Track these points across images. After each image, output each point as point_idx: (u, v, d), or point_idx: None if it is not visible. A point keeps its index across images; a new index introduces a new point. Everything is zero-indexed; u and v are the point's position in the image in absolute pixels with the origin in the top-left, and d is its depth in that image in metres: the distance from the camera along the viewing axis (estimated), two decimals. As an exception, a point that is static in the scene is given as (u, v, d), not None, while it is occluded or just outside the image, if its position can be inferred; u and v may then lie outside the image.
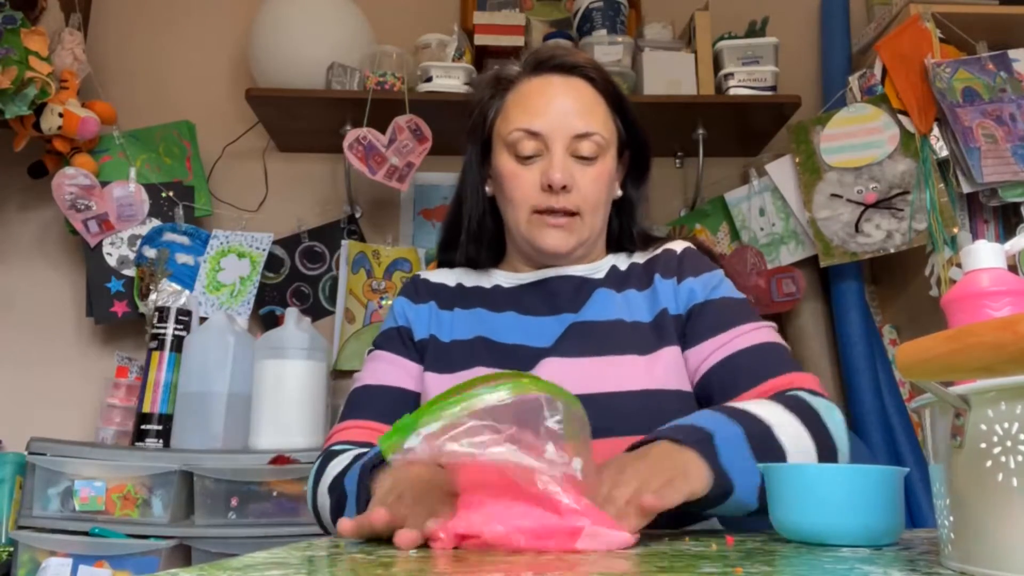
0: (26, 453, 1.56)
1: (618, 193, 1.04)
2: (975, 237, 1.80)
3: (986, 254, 0.61)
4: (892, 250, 1.83)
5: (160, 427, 1.76)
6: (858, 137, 1.89)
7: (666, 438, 0.70)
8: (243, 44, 2.15)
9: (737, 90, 2.00)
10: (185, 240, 2.02)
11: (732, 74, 2.01)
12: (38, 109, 1.88)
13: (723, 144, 2.16)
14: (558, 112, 0.95)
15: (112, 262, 1.98)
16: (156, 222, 2.02)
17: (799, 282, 1.95)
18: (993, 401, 0.44)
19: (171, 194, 2.04)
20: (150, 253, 1.98)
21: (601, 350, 0.91)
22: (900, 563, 0.51)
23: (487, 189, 1.04)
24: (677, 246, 1.02)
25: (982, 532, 0.44)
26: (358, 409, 0.96)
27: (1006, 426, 0.43)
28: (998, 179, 1.73)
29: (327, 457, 0.89)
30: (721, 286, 0.96)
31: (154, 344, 1.82)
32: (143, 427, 1.76)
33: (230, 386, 1.73)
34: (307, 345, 1.74)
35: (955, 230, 1.76)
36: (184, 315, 1.85)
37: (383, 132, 1.95)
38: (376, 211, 2.22)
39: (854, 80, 1.99)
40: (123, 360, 1.96)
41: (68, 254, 2.13)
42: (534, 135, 0.95)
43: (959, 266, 1.38)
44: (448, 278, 1.06)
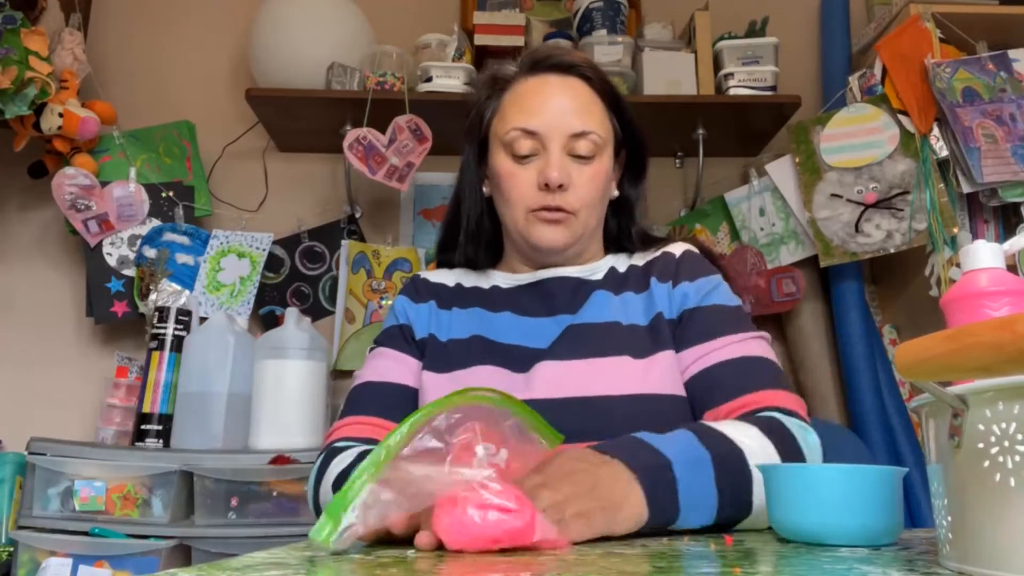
0: (26, 453, 1.56)
1: (615, 193, 1.04)
2: (975, 237, 1.80)
3: (985, 254, 0.61)
4: (892, 250, 1.83)
5: (160, 427, 1.76)
6: (858, 137, 1.89)
7: (622, 459, 0.68)
8: (243, 44, 2.15)
9: (737, 90, 2.00)
10: (185, 240, 2.02)
11: (732, 74, 2.00)
12: (38, 109, 1.88)
13: (723, 144, 2.16)
14: (555, 111, 0.95)
15: (112, 262, 1.98)
16: (156, 222, 2.02)
17: (799, 282, 1.95)
18: (991, 401, 0.44)
19: (171, 194, 2.04)
20: (150, 253, 1.98)
21: (596, 352, 0.91)
22: (899, 563, 0.51)
23: (484, 189, 1.04)
24: (676, 249, 1.01)
25: (980, 532, 0.44)
26: (360, 405, 0.96)
27: (1004, 426, 0.43)
28: (998, 179, 1.73)
29: (329, 454, 0.89)
30: (715, 292, 0.95)
31: (154, 344, 1.82)
32: (143, 427, 1.76)
33: (230, 386, 1.73)
34: (307, 345, 1.74)
35: (955, 230, 1.76)
36: (184, 315, 1.85)
37: (383, 132, 1.95)
38: (376, 211, 2.22)
39: (854, 80, 1.98)
40: (123, 360, 1.96)
41: (68, 254, 2.13)
42: (531, 134, 0.95)
43: (959, 266, 1.38)
44: (447, 278, 1.06)
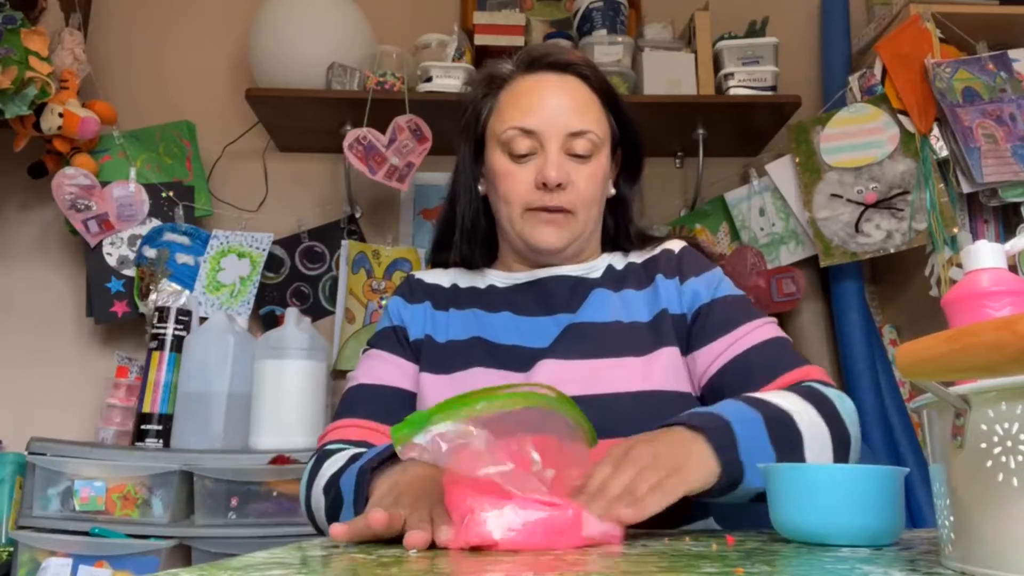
0: (26, 453, 1.56)
1: (612, 191, 1.04)
2: (975, 237, 1.80)
3: (986, 254, 0.61)
4: (892, 250, 1.83)
5: (160, 427, 1.76)
6: (858, 137, 1.89)
7: (683, 424, 0.71)
8: (243, 44, 2.15)
9: (737, 90, 2.00)
10: (185, 240, 2.02)
11: (732, 74, 2.00)
12: (38, 109, 1.88)
13: (723, 144, 2.16)
14: (553, 110, 0.94)
15: (112, 262, 1.98)
16: (156, 222, 2.02)
17: (799, 282, 1.95)
18: (993, 401, 0.44)
19: (171, 194, 2.04)
20: (150, 253, 1.98)
21: (598, 352, 0.91)
22: (900, 563, 0.51)
23: (480, 188, 1.03)
24: (675, 245, 1.01)
25: (982, 532, 0.44)
26: (353, 408, 0.96)
27: (1006, 426, 0.43)
28: (998, 179, 1.73)
29: (322, 456, 0.89)
30: (722, 285, 0.97)
31: (154, 344, 1.82)
32: (143, 427, 1.76)
33: (230, 386, 1.73)
34: (307, 345, 1.74)
35: (955, 230, 1.76)
36: (184, 315, 1.85)
37: (383, 132, 1.95)
38: (376, 211, 2.22)
39: (854, 80, 1.98)
40: (123, 360, 1.96)
41: (68, 254, 2.13)
42: (528, 133, 0.94)
43: (959, 266, 1.38)
44: (442, 278, 1.06)
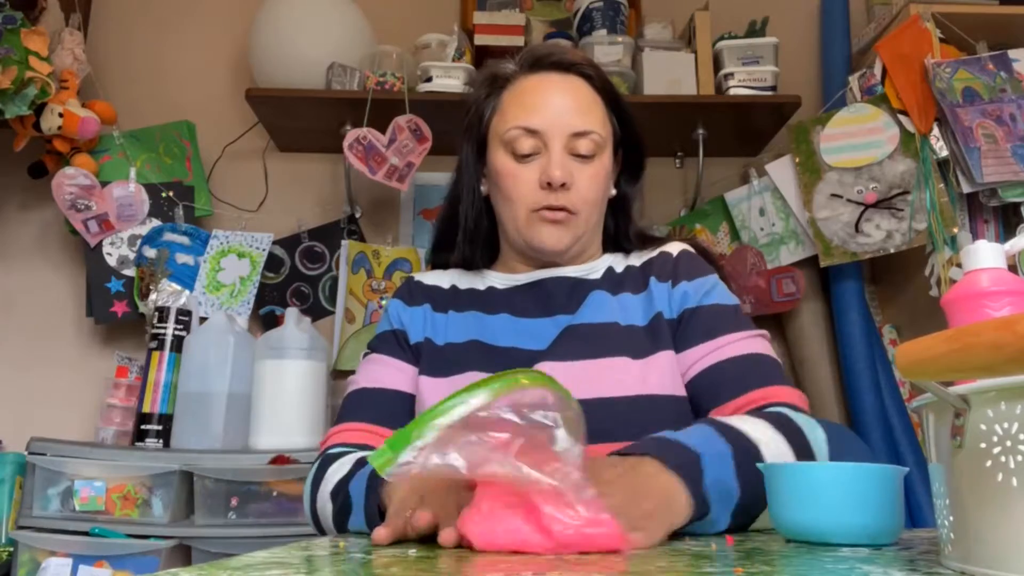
0: (26, 453, 1.56)
1: (612, 191, 1.04)
2: (975, 237, 1.80)
3: (986, 254, 0.61)
4: (892, 250, 1.83)
5: (160, 427, 1.76)
6: (858, 137, 1.89)
7: (654, 455, 0.67)
8: (243, 44, 2.15)
9: (737, 90, 2.00)
10: (185, 240, 2.02)
11: (732, 74, 2.00)
12: (38, 109, 1.88)
13: (723, 144, 2.16)
14: (556, 110, 0.94)
15: (112, 262, 1.98)
16: (156, 222, 2.02)
17: (799, 282, 1.95)
18: (993, 401, 0.44)
19: (171, 194, 2.04)
20: (150, 253, 1.98)
21: (595, 353, 0.90)
22: (900, 563, 0.51)
23: (482, 188, 1.03)
24: (674, 248, 1.00)
25: (982, 532, 0.44)
26: (355, 411, 0.95)
27: (1006, 426, 0.43)
28: (998, 179, 1.73)
29: (325, 461, 0.88)
30: (714, 292, 0.95)
31: (154, 344, 1.82)
32: (143, 427, 1.76)
33: (230, 386, 1.73)
34: (307, 345, 1.74)
35: (955, 230, 1.76)
36: (184, 315, 1.85)
37: (383, 132, 1.95)
38: (376, 211, 2.22)
39: (854, 80, 1.98)
40: (123, 360, 1.96)
41: (68, 254, 2.13)
42: (532, 133, 0.94)
43: (959, 266, 1.38)
44: (442, 280, 1.05)
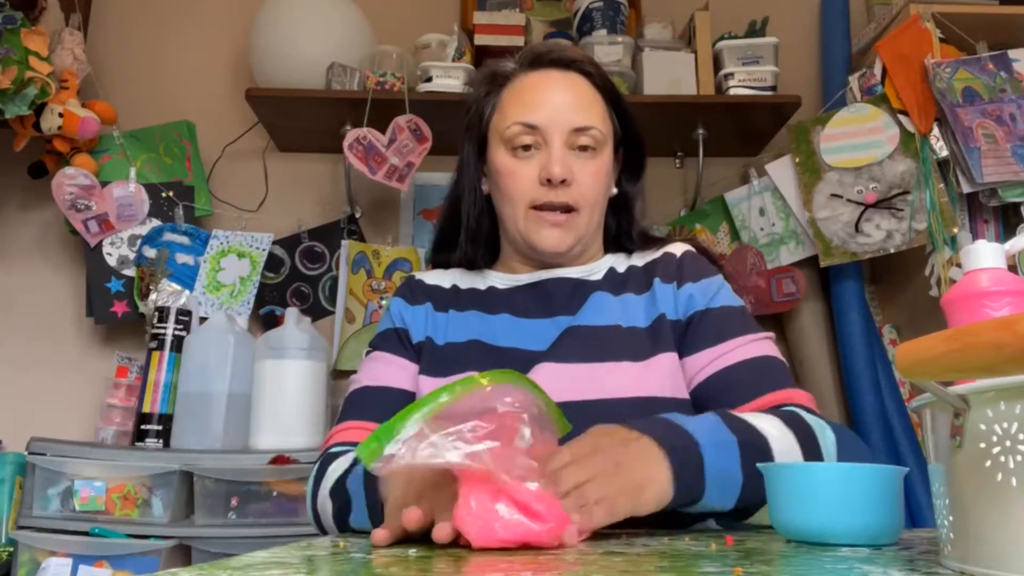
0: (26, 453, 1.56)
1: (614, 190, 1.03)
2: (975, 237, 1.80)
3: (986, 254, 0.61)
4: (892, 250, 1.83)
5: (160, 427, 1.76)
6: (858, 137, 1.89)
7: (653, 437, 0.69)
8: (243, 44, 2.15)
9: (737, 90, 1.99)
10: (185, 240, 2.02)
11: (732, 74, 2.00)
12: (38, 109, 1.88)
13: (723, 144, 2.16)
14: (556, 106, 0.94)
15: (112, 262, 1.98)
16: (156, 222, 2.02)
17: (799, 282, 1.95)
18: (993, 401, 0.44)
19: (171, 194, 2.04)
20: (150, 253, 1.98)
21: (596, 356, 0.90)
22: (900, 563, 0.51)
23: (483, 187, 1.03)
24: (677, 249, 1.00)
25: (982, 532, 0.44)
26: (356, 410, 0.95)
27: (1005, 426, 0.43)
28: (998, 179, 1.73)
29: (326, 460, 0.88)
30: (720, 293, 0.95)
31: (154, 344, 1.82)
32: (143, 427, 1.76)
33: (230, 386, 1.73)
34: (307, 345, 1.74)
35: (955, 230, 1.76)
36: (184, 315, 1.85)
37: (383, 132, 1.95)
38: (376, 211, 2.22)
39: (854, 80, 1.98)
40: (123, 360, 1.96)
41: (68, 254, 2.13)
42: (532, 129, 0.94)
43: (959, 266, 1.38)
44: (443, 279, 1.05)
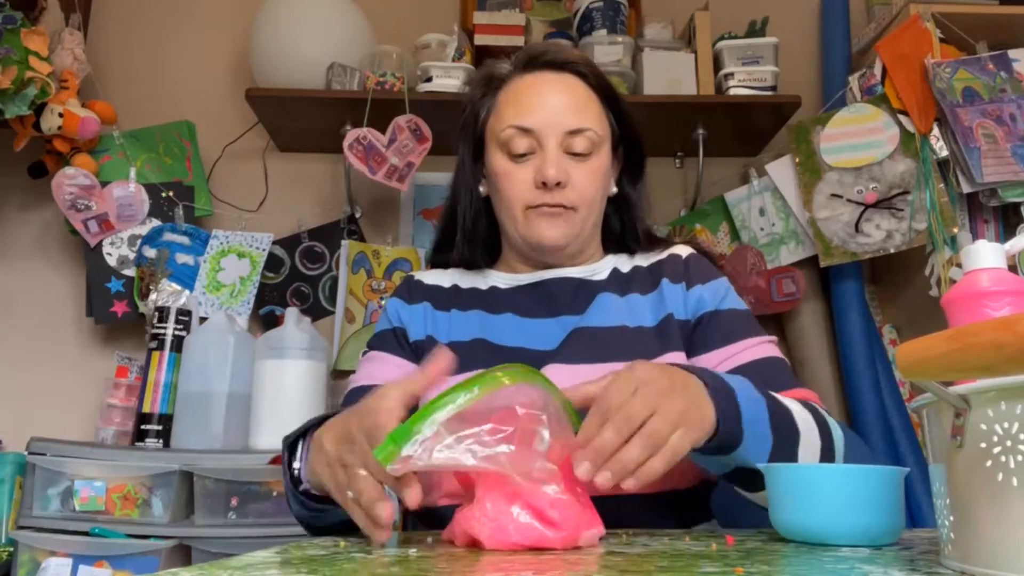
0: (26, 453, 1.56)
1: (613, 190, 1.04)
2: (975, 237, 1.80)
3: (986, 254, 0.61)
4: (892, 250, 1.83)
5: (160, 427, 1.76)
6: (858, 137, 1.89)
7: (697, 376, 0.69)
8: (243, 44, 2.15)
9: (737, 90, 1.99)
10: (185, 240, 2.02)
11: (732, 74, 2.00)
12: (38, 109, 1.88)
13: (723, 144, 2.16)
14: (551, 108, 0.94)
15: (112, 262, 1.98)
16: (156, 222, 2.02)
17: (799, 282, 1.95)
18: (993, 401, 0.44)
19: (171, 194, 2.04)
20: (150, 253, 1.98)
21: (605, 356, 0.90)
22: (900, 563, 0.51)
23: (481, 189, 1.03)
24: (682, 251, 1.01)
25: (982, 532, 0.44)
26: None
27: (1006, 426, 0.43)
28: (998, 179, 1.73)
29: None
30: (728, 296, 0.96)
31: (154, 344, 1.82)
32: (143, 427, 1.76)
33: (230, 386, 1.73)
34: (307, 345, 1.74)
35: (955, 230, 1.76)
36: (184, 315, 1.85)
37: (383, 132, 1.94)
38: (376, 211, 2.22)
39: (854, 80, 1.98)
40: (123, 360, 1.96)
41: (68, 254, 2.13)
42: (527, 132, 0.94)
43: (959, 266, 1.38)
44: (442, 279, 1.05)
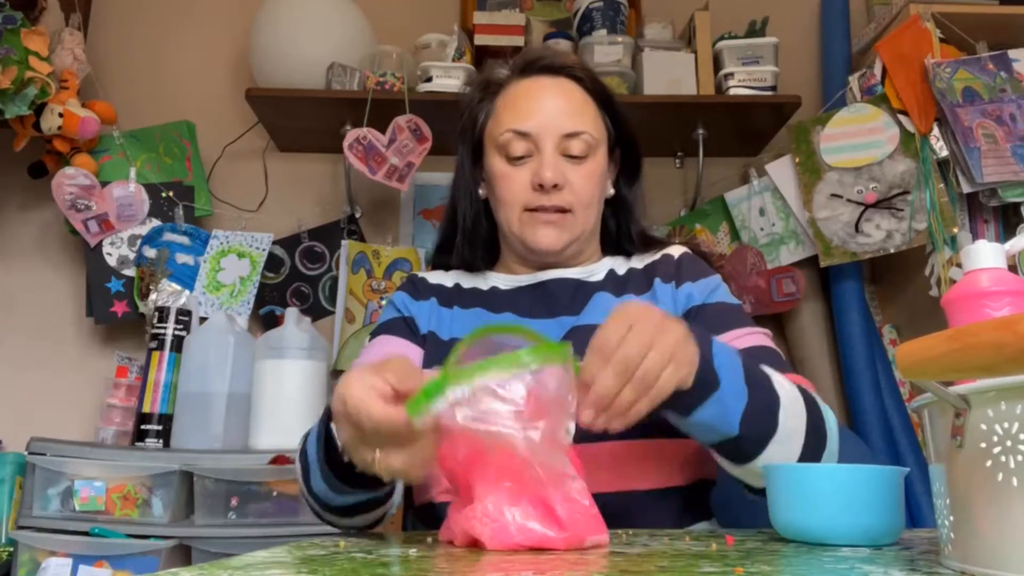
0: (26, 453, 1.56)
1: (610, 192, 1.05)
2: (975, 237, 1.80)
3: (986, 254, 0.61)
4: (892, 250, 1.83)
5: (160, 427, 1.76)
6: (858, 137, 1.89)
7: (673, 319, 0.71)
8: (243, 44, 2.15)
9: (737, 90, 1.99)
10: (185, 240, 2.02)
11: (732, 74, 2.00)
12: (38, 109, 1.87)
13: (723, 144, 2.16)
14: (547, 112, 0.96)
15: (112, 262, 1.98)
16: (156, 222, 2.02)
17: (799, 282, 1.95)
18: (993, 401, 0.44)
19: (171, 194, 2.04)
20: (150, 253, 1.98)
21: None
22: (900, 563, 0.51)
23: (480, 192, 1.05)
24: (675, 251, 1.03)
25: (982, 532, 0.44)
26: None
27: (1006, 426, 0.43)
28: (998, 179, 1.73)
29: (305, 437, 0.89)
30: (718, 291, 0.97)
31: (154, 344, 1.82)
32: (143, 427, 1.76)
33: (230, 386, 1.73)
34: (307, 345, 1.74)
35: (955, 230, 1.76)
36: (184, 315, 1.85)
37: (383, 132, 1.95)
38: (376, 211, 2.22)
39: (854, 80, 1.98)
40: (123, 360, 1.96)
41: (68, 254, 2.13)
42: (524, 135, 0.95)
43: (959, 266, 1.38)
44: (445, 279, 1.07)
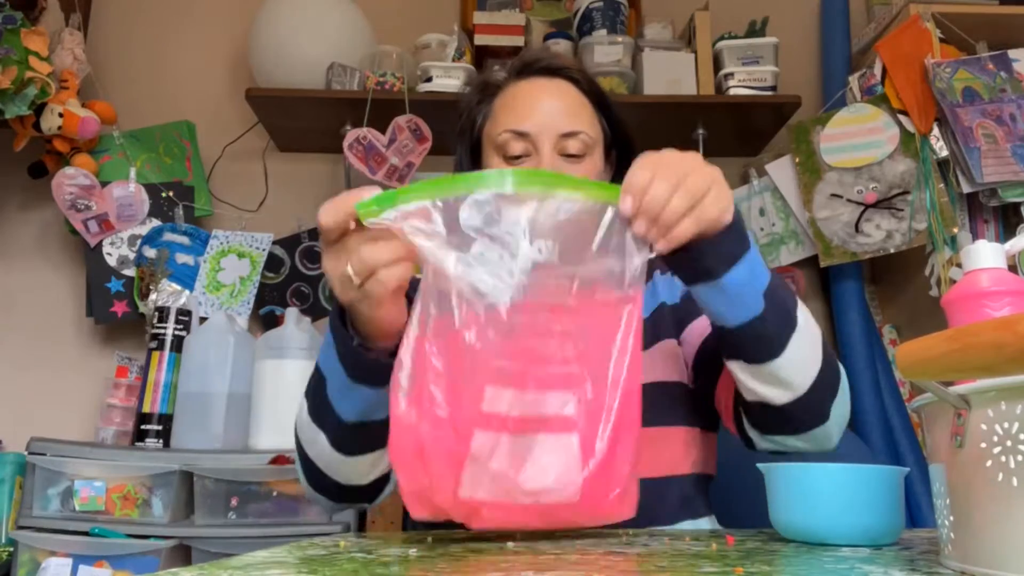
0: (26, 453, 1.56)
1: None
2: (975, 237, 1.80)
3: (986, 254, 0.61)
4: (892, 250, 1.83)
5: (160, 427, 1.76)
6: (858, 137, 1.89)
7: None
8: (243, 44, 2.15)
9: (737, 90, 1.99)
10: (185, 240, 2.02)
11: (732, 74, 2.00)
12: (38, 109, 1.88)
13: (723, 144, 2.16)
14: (545, 112, 0.97)
15: (112, 262, 1.98)
16: (156, 222, 2.02)
17: (799, 282, 1.95)
18: (993, 401, 0.44)
19: (171, 194, 2.04)
20: (150, 253, 1.98)
21: None
22: (900, 563, 0.51)
23: None
24: None
25: (982, 532, 0.44)
26: None
27: (1006, 426, 0.43)
28: (998, 179, 1.73)
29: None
30: None
31: (154, 344, 1.82)
32: (143, 427, 1.76)
33: (230, 386, 1.73)
34: (307, 345, 1.74)
35: (955, 230, 1.76)
36: (184, 315, 1.85)
37: (383, 132, 1.95)
38: (376, 211, 2.21)
39: (854, 80, 1.98)
40: (123, 360, 1.96)
41: (68, 254, 2.13)
42: (522, 136, 0.96)
43: (959, 266, 1.38)
44: None
